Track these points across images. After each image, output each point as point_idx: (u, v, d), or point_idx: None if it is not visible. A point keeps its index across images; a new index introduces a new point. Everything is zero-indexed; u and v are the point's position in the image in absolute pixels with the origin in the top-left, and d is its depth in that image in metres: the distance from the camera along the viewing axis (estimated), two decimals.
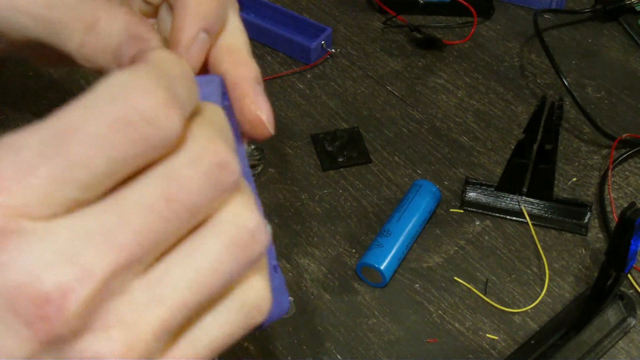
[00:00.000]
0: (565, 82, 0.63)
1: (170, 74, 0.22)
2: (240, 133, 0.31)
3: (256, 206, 0.24)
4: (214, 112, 0.24)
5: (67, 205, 0.20)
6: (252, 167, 0.59)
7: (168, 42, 0.31)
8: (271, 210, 0.57)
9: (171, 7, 0.32)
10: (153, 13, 0.34)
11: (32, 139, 0.19)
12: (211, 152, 0.22)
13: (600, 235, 0.57)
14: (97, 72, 0.31)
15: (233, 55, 0.32)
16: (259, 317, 0.24)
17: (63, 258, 0.19)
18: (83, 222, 0.20)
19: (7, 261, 0.18)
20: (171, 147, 0.21)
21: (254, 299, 0.24)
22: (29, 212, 0.19)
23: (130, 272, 0.20)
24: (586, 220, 0.57)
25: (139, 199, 0.20)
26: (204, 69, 0.32)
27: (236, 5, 0.34)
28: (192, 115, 0.23)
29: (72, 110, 0.20)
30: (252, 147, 0.59)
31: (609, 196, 0.59)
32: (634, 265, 0.52)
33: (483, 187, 0.58)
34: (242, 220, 0.22)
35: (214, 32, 0.32)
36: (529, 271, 0.54)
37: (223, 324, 0.23)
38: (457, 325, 0.51)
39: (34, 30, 0.31)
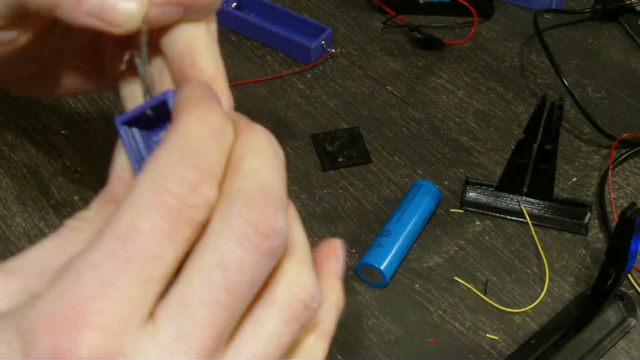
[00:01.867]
0: (565, 82, 0.63)
1: (197, 140, 0.23)
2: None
3: (309, 264, 0.25)
4: (253, 163, 0.24)
5: (151, 305, 0.21)
6: None
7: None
8: None
9: None
10: None
11: (102, 252, 0.21)
12: (254, 223, 0.22)
13: (600, 235, 0.57)
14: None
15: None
16: None
17: None
18: (163, 330, 0.21)
19: None
20: (208, 216, 0.22)
21: (314, 357, 0.26)
22: (126, 327, 0.20)
23: None
24: (586, 220, 0.57)
25: (202, 295, 0.21)
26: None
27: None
28: (230, 173, 0.23)
29: (123, 212, 0.21)
30: None
31: (609, 196, 0.59)
32: (634, 265, 0.53)
33: (483, 187, 0.58)
34: (296, 293, 0.24)
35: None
36: (529, 271, 0.54)
37: None
38: (457, 325, 0.51)
39: None
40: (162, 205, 0.21)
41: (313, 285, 0.24)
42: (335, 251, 0.29)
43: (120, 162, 0.27)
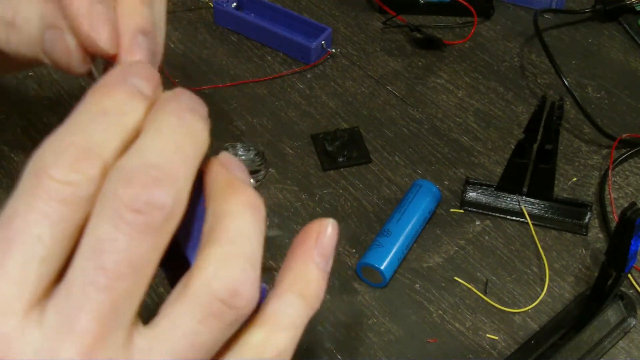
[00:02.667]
0: (565, 82, 0.63)
1: (84, 120, 0.24)
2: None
3: (243, 258, 0.23)
4: None
5: (37, 287, 0.21)
6: (255, 172, 0.58)
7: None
8: (271, 210, 0.57)
9: None
10: None
11: None
12: (126, 199, 0.21)
13: (600, 235, 0.57)
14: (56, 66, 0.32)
15: None
16: None
17: (45, 355, 0.20)
18: (49, 316, 0.21)
19: None
20: (92, 194, 0.22)
21: (268, 353, 0.24)
22: (9, 308, 0.20)
23: (108, 346, 0.21)
24: (586, 220, 0.57)
25: (81, 279, 0.21)
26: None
27: None
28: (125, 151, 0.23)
29: (8, 202, 0.22)
30: (253, 152, 0.58)
31: (609, 196, 0.59)
32: (634, 265, 0.52)
33: (483, 187, 0.58)
34: (213, 289, 0.22)
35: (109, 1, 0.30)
36: (529, 271, 0.54)
37: None
38: (457, 325, 0.51)
39: None
40: (39, 186, 0.21)
41: (238, 280, 0.22)
42: (316, 233, 0.26)
43: None
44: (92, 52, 0.30)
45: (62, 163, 0.22)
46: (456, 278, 0.53)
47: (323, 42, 0.68)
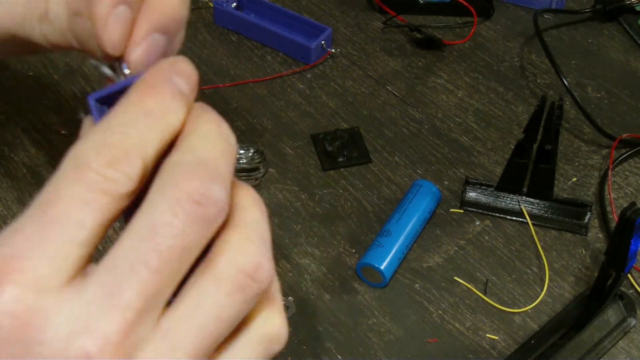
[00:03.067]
0: (565, 82, 0.63)
1: (125, 121, 0.24)
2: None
3: (260, 241, 0.25)
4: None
5: (76, 267, 0.22)
6: (254, 170, 0.58)
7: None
8: (271, 210, 0.57)
9: None
10: None
11: (25, 218, 0.22)
12: (187, 190, 0.23)
13: (600, 235, 0.57)
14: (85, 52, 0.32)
15: None
16: (277, 346, 0.26)
17: (82, 327, 0.21)
18: (89, 289, 0.22)
19: (40, 339, 0.21)
20: (134, 189, 0.23)
21: (271, 330, 0.25)
22: (46, 284, 0.21)
23: (142, 325, 0.22)
24: (586, 220, 0.57)
25: (131, 258, 0.22)
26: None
27: None
28: (172, 150, 0.24)
29: (47, 186, 0.23)
30: (252, 150, 0.58)
31: (609, 196, 0.59)
32: (634, 265, 0.53)
33: (483, 187, 0.58)
34: (239, 263, 0.24)
35: (134, 3, 0.30)
36: (529, 271, 0.54)
37: (245, 355, 0.25)
38: (457, 325, 0.51)
39: (7, 24, 0.34)
40: (81, 178, 0.22)
41: (261, 255, 0.24)
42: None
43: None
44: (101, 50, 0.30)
45: (103, 160, 0.22)
46: (456, 278, 0.53)
47: (323, 42, 0.68)
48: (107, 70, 0.29)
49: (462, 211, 0.58)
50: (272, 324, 0.25)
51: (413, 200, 0.56)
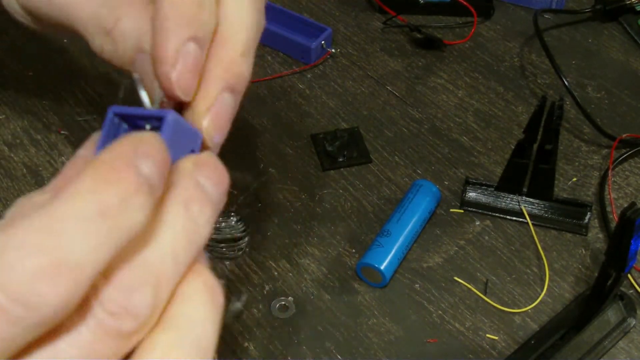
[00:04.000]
0: (565, 82, 0.63)
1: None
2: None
3: (188, 344, 0.21)
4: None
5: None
6: (236, 240, 0.53)
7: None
8: (271, 210, 0.57)
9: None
10: None
11: None
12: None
13: (600, 235, 0.57)
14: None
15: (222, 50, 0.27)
16: None
17: None
18: None
19: None
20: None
21: None
22: None
23: None
24: (586, 220, 0.57)
25: None
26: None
27: None
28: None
29: None
30: (234, 219, 0.54)
31: (609, 196, 0.59)
32: (634, 265, 0.52)
33: (483, 187, 0.58)
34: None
35: (205, 40, 0.27)
36: (529, 271, 0.54)
37: None
38: (457, 325, 0.51)
39: (68, 23, 0.31)
40: None
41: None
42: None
43: (88, 146, 0.26)
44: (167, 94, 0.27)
45: (25, 277, 0.18)
46: (456, 278, 0.53)
47: (323, 42, 0.68)
48: (144, 97, 0.26)
49: (462, 211, 0.58)
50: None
51: (413, 200, 0.56)
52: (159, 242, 0.21)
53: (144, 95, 0.26)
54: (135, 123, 0.26)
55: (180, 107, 0.28)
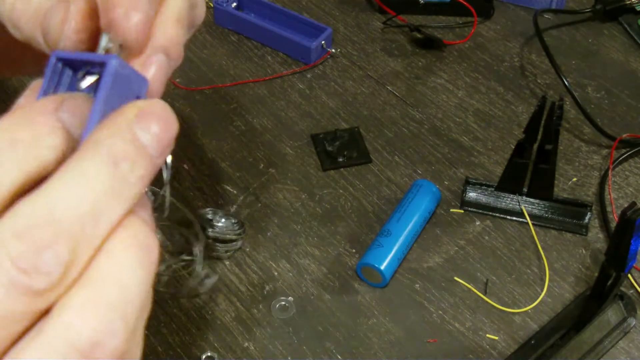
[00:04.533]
0: (565, 82, 0.63)
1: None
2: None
3: (105, 301, 0.20)
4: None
5: None
6: (232, 241, 0.54)
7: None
8: (271, 210, 0.57)
9: None
10: None
11: None
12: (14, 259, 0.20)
13: (600, 235, 0.57)
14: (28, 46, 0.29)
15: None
16: None
17: None
18: None
19: None
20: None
21: None
22: None
23: None
24: (586, 220, 0.57)
25: None
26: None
27: None
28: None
29: None
30: (234, 220, 0.54)
31: (609, 196, 0.59)
32: (634, 265, 0.52)
33: (483, 187, 0.58)
34: (71, 338, 0.20)
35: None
36: (529, 271, 0.54)
37: None
38: (457, 325, 0.51)
39: None
40: None
41: (101, 331, 0.20)
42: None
43: (28, 94, 0.25)
44: (121, 38, 0.26)
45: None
46: (456, 278, 0.53)
47: (323, 42, 0.68)
48: (104, 40, 0.26)
49: (462, 211, 0.58)
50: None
51: (413, 200, 0.56)
52: (76, 200, 0.20)
53: (104, 39, 0.26)
54: (79, 68, 0.25)
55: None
